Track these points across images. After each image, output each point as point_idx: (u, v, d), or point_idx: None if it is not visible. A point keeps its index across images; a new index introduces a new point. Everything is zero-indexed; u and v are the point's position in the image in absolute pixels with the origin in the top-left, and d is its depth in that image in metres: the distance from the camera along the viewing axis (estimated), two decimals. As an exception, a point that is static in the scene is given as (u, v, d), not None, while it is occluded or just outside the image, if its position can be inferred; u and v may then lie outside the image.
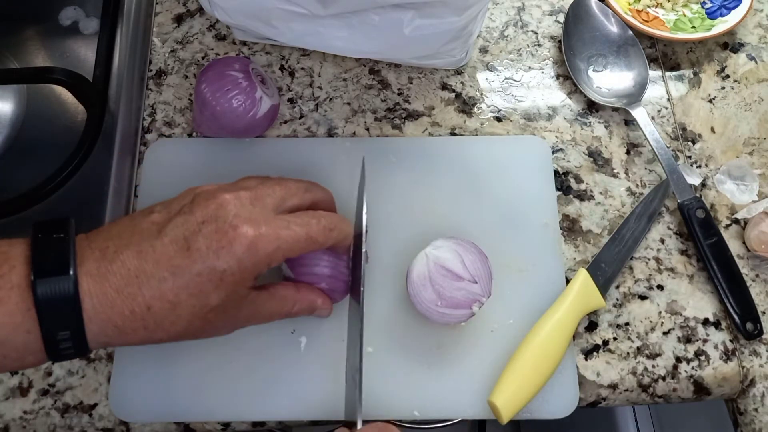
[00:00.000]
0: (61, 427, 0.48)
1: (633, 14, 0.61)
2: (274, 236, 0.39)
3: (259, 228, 0.38)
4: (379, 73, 0.59)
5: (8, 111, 0.56)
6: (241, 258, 0.37)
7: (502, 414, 0.44)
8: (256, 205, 0.39)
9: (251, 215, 0.38)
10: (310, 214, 0.42)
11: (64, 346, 0.35)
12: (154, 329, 0.37)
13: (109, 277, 0.36)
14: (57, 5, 0.61)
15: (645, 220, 0.52)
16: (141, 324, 0.37)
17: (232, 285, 0.38)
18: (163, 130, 0.57)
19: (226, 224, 0.37)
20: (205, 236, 0.37)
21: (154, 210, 0.39)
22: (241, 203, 0.39)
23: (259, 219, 0.39)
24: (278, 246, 0.39)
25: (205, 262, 0.37)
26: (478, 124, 0.57)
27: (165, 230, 0.37)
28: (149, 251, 0.37)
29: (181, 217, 0.38)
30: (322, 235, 0.41)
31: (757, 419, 0.49)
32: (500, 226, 0.52)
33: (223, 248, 0.37)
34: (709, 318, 0.51)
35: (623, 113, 0.58)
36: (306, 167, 0.54)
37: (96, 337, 0.36)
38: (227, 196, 0.39)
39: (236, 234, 0.37)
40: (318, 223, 0.41)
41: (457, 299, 0.45)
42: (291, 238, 0.39)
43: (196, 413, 0.47)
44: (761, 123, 0.58)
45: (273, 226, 0.39)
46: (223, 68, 0.52)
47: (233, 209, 0.38)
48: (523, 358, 0.45)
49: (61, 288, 0.34)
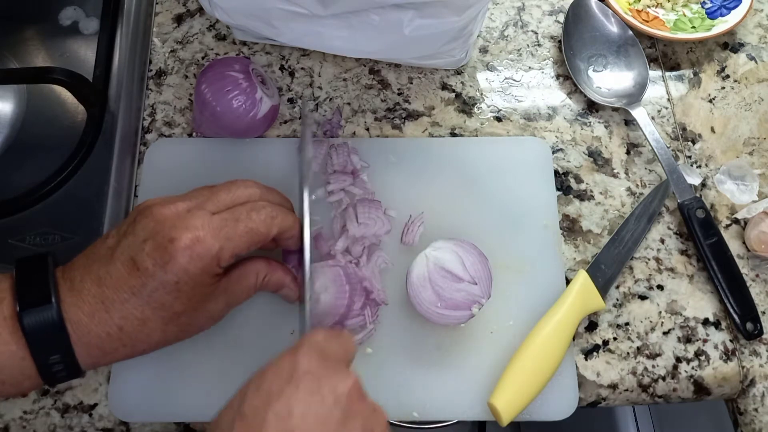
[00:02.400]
0: (61, 427, 0.48)
1: (633, 14, 0.60)
2: (213, 237, 0.39)
3: (197, 233, 0.38)
4: (379, 73, 0.59)
5: (8, 111, 0.56)
6: (186, 266, 0.38)
7: (502, 416, 0.44)
8: (194, 213, 0.40)
9: (188, 224, 0.39)
10: (248, 206, 0.42)
11: (57, 369, 0.37)
12: (132, 346, 0.39)
13: (81, 305, 0.38)
14: (57, 5, 0.61)
15: (645, 220, 0.52)
16: (119, 343, 0.38)
17: (190, 290, 0.39)
18: (163, 130, 0.57)
19: (165, 238, 0.38)
20: (149, 254, 0.38)
21: (110, 234, 0.41)
22: (177, 214, 0.39)
23: (196, 225, 0.39)
24: (220, 246, 0.39)
25: (155, 278, 0.38)
26: (478, 124, 0.57)
27: (115, 254, 0.39)
28: (106, 277, 0.38)
29: (127, 238, 0.39)
30: (264, 225, 0.41)
31: (757, 419, 0.49)
32: (500, 227, 0.52)
33: (167, 262, 0.38)
34: (709, 318, 0.51)
35: (623, 113, 0.58)
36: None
37: (85, 359, 0.38)
38: (164, 210, 0.39)
39: (174, 247, 0.38)
40: (258, 215, 0.41)
41: (456, 300, 0.45)
42: (230, 235, 0.40)
43: (196, 413, 0.47)
44: (761, 123, 0.58)
45: (211, 228, 0.39)
46: (223, 68, 0.52)
47: (169, 222, 0.39)
48: (522, 360, 0.45)
49: (45, 317, 0.36)
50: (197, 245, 0.38)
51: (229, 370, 0.48)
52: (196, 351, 0.48)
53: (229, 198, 0.42)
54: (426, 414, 0.47)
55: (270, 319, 0.49)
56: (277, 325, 0.49)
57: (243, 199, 0.43)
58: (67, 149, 0.53)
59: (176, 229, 0.38)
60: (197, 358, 0.48)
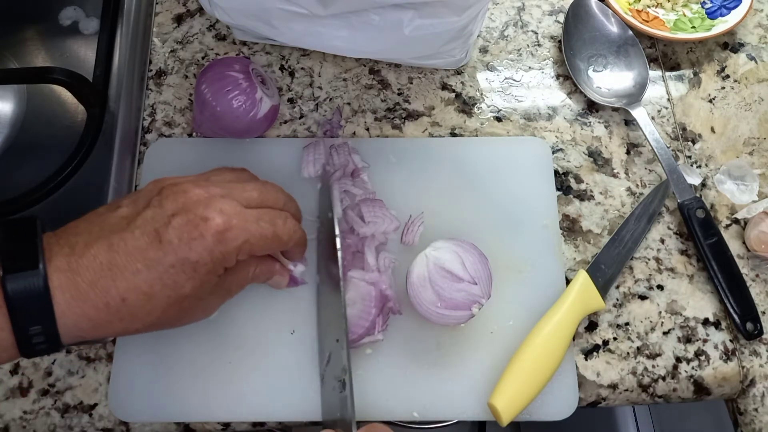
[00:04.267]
0: (61, 427, 0.48)
1: (633, 14, 0.60)
2: (243, 229, 0.39)
3: (230, 220, 0.39)
4: (379, 73, 0.59)
5: (8, 111, 0.56)
6: (212, 249, 0.38)
7: (502, 416, 0.44)
8: (226, 199, 0.40)
9: (222, 208, 0.39)
10: (277, 213, 0.42)
11: (37, 341, 0.35)
12: (129, 320, 0.38)
13: (81, 272, 0.36)
14: (57, 5, 0.61)
15: (645, 220, 0.52)
16: (116, 316, 0.37)
17: (204, 275, 0.38)
18: (163, 130, 0.57)
19: (197, 216, 0.38)
20: (176, 228, 0.37)
21: (122, 204, 0.40)
22: (210, 196, 0.39)
23: (230, 212, 0.39)
24: (247, 239, 0.39)
25: (177, 253, 0.37)
26: (478, 124, 0.57)
27: (135, 223, 0.38)
28: (120, 244, 0.37)
29: (151, 210, 0.38)
30: (287, 235, 0.42)
31: (757, 419, 0.49)
32: (500, 227, 0.52)
33: (194, 239, 0.37)
34: (709, 318, 0.51)
35: (623, 113, 0.58)
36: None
37: (69, 331, 0.36)
38: (197, 190, 0.39)
39: (207, 226, 0.38)
40: (284, 224, 0.42)
41: (456, 300, 0.45)
42: (259, 233, 0.40)
43: (196, 413, 0.47)
44: (761, 123, 0.58)
45: (242, 219, 0.39)
46: (223, 69, 0.52)
47: (204, 202, 0.39)
48: (522, 360, 0.45)
49: (30, 283, 0.35)
50: (228, 231, 0.38)
51: (230, 371, 0.48)
52: (196, 351, 0.48)
53: (259, 198, 0.42)
54: (426, 414, 0.47)
55: (270, 320, 0.49)
56: (278, 325, 0.49)
57: (270, 202, 0.43)
58: (67, 149, 0.53)
59: (210, 209, 0.38)
60: (198, 358, 0.48)
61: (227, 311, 0.49)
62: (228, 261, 0.39)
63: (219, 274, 0.40)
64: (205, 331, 0.49)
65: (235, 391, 0.47)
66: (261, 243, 0.41)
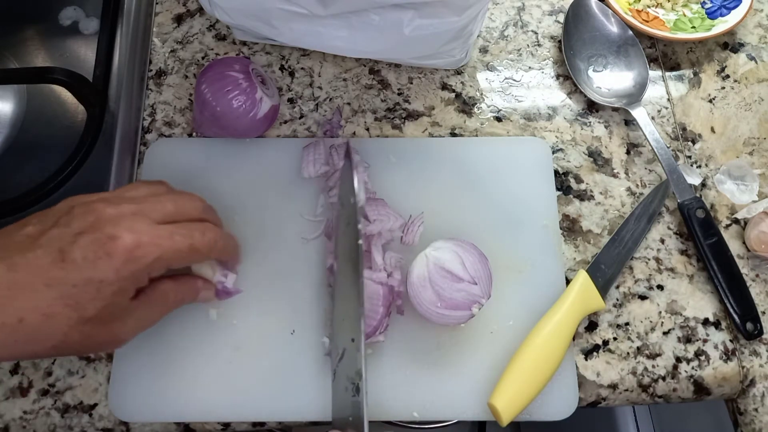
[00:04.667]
0: (61, 427, 0.48)
1: (633, 14, 0.60)
2: (155, 245, 0.38)
3: (140, 238, 0.38)
4: (379, 73, 0.59)
5: (8, 111, 0.56)
6: (119, 268, 0.37)
7: (502, 416, 0.44)
8: (138, 216, 0.39)
9: (132, 226, 0.38)
10: (195, 226, 0.41)
11: None
12: (26, 342, 0.36)
13: None
14: (57, 5, 0.61)
15: (645, 221, 0.52)
16: (12, 338, 0.36)
17: (110, 295, 0.37)
18: (163, 130, 0.57)
19: (104, 235, 0.37)
20: (82, 247, 0.36)
21: (29, 223, 0.39)
22: (121, 215, 0.38)
23: (141, 229, 0.38)
24: (159, 255, 0.38)
25: (81, 272, 0.36)
26: (478, 124, 0.57)
27: (39, 242, 0.37)
28: (22, 263, 0.36)
29: (57, 229, 0.37)
30: (206, 246, 0.41)
31: (757, 419, 0.49)
32: (500, 227, 0.52)
33: (100, 258, 0.36)
34: (709, 318, 0.51)
35: (623, 113, 0.58)
36: (306, 167, 0.54)
37: None
38: (108, 209, 0.38)
39: (114, 245, 0.37)
40: (202, 235, 0.41)
41: (456, 300, 0.45)
42: (173, 248, 0.39)
43: (196, 413, 0.47)
44: (761, 123, 0.58)
45: (154, 235, 0.38)
46: (223, 69, 0.52)
47: (113, 221, 0.38)
48: (522, 360, 0.45)
49: None
50: (137, 249, 0.37)
51: (229, 371, 0.48)
52: (196, 351, 0.48)
53: (175, 210, 0.41)
54: (426, 414, 0.47)
55: (270, 320, 0.49)
56: (278, 325, 0.49)
57: (187, 213, 0.42)
58: (67, 149, 0.53)
59: (119, 228, 0.37)
60: (197, 358, 0.48)
61: (227, 311, 0.49)
62: (139, 280, 0.39)
63: (129, 296, 0.39)
64: (205, 331, 0.49)
65: (235, 391, 0.47)
66: (176, 257, 0.39)
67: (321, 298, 0.50)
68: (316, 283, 0.50)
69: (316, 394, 0.47)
